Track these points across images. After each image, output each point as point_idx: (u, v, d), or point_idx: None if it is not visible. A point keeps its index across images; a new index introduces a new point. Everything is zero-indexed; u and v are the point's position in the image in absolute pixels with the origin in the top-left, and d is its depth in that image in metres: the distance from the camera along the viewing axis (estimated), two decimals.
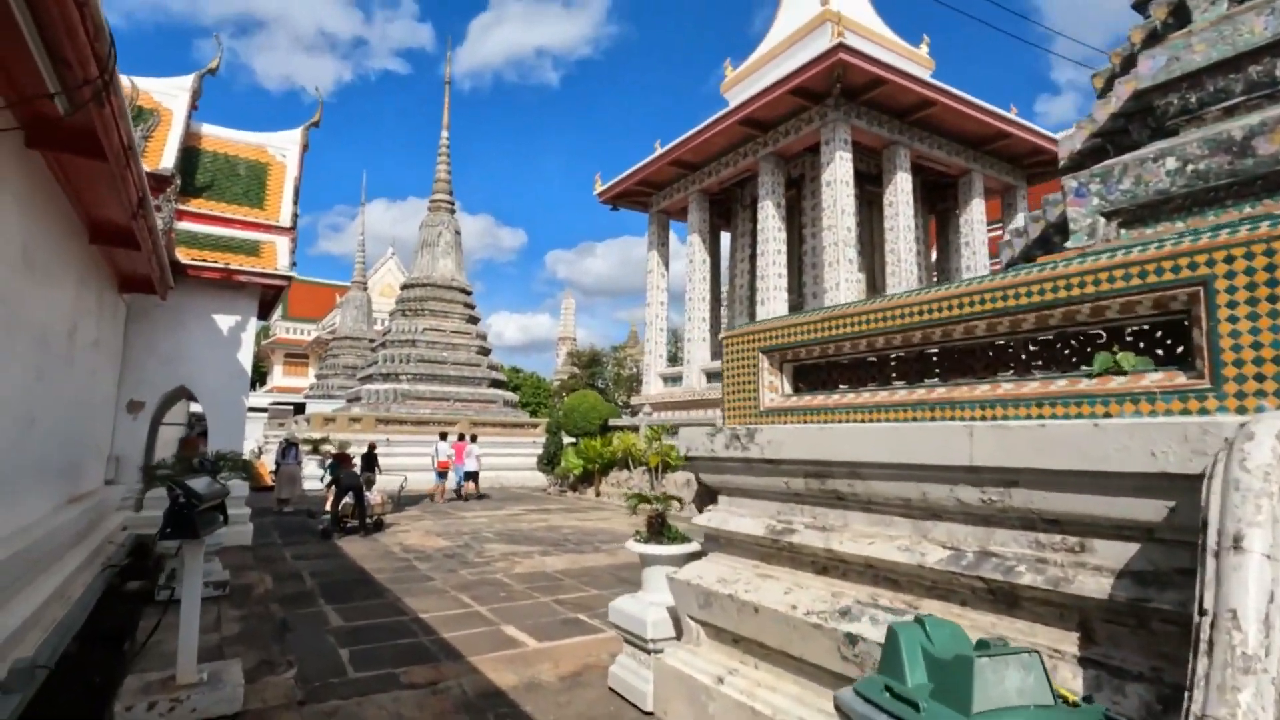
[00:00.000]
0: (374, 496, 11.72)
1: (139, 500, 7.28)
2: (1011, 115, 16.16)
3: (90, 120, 3.93)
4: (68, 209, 5.40)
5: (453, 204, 27.35)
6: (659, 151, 19.33)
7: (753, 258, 19.81)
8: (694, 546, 4.54)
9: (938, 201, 19.66)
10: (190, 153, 11.20)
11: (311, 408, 29.95)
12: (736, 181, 19.77)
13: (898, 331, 3.06)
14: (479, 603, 6.69)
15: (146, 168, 6.26)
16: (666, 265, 21.28)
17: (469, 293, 26.82)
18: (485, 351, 26.16)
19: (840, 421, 3.31)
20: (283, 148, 12.18)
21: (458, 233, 27.13)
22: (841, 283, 14.51)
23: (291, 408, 31.81)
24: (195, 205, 10.48)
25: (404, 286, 27.10)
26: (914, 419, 2.94)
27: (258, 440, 25.79)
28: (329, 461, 13.40)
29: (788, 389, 3.86)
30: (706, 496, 4.69)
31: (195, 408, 17.71)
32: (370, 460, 13.83)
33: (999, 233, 18.75)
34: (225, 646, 5.16)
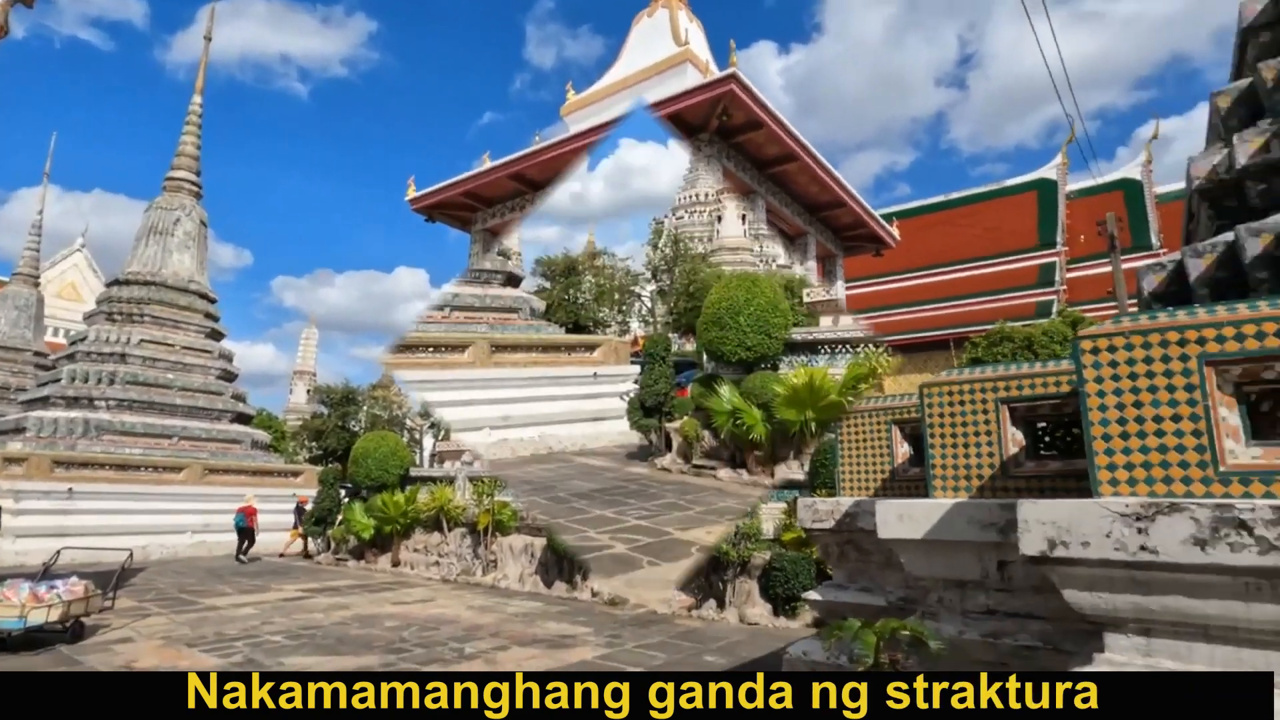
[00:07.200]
0: (75, 586, 7.30)
1: None
2: (850, 188, 17.01)
3: None
4: None
5: (198, 187, 21.50)
6: (493, 163, 16.94)
7: None
8: None
9: None
10: None
11: None
12: None
13: None
14: None
15: None
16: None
17: (213, 300, 21.02)
18: (230, 377, 20.49)
19: None
20: None
21: (204, 224, 21.29)
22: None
23: None
24: None
25: (112, 283, 20.38)
26: None
27: None
28: None
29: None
30: (1059, 632, 2.68)
31: None
32: None
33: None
34: None
